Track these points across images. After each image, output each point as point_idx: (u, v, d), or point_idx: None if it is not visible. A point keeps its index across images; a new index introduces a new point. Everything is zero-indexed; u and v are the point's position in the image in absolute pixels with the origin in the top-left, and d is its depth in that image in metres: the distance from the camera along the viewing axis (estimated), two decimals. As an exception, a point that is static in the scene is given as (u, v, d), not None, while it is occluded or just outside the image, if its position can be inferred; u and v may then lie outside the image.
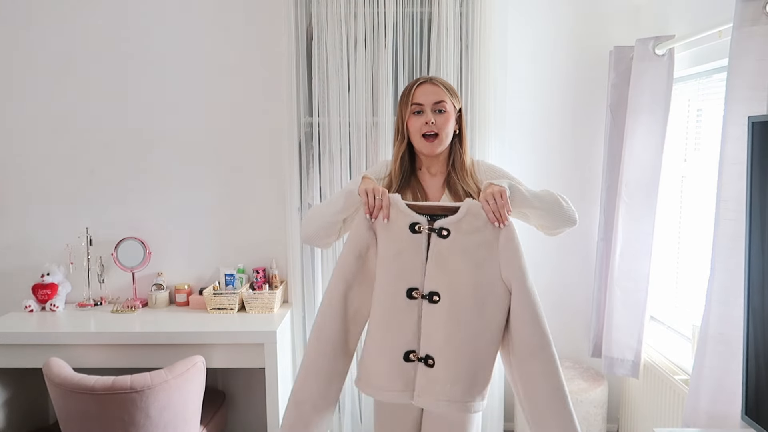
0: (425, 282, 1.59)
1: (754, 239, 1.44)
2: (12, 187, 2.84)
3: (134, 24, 2.76)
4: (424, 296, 1.59)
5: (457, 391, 1.56)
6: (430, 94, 1.76)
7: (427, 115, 1.74)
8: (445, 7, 2.59)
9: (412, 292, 1.59)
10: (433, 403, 1.58)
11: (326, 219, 1.74)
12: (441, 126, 1.75)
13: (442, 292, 1.58)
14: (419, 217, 1.60)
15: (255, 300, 2.68)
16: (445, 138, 1.76)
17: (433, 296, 1.58)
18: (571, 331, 2.97)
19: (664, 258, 2.61)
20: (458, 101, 1.82)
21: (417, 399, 1.59)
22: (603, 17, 2.80)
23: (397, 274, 1.61)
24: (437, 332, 1.57)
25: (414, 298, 1.60)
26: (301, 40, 2.67)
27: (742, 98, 1.70)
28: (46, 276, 2.73)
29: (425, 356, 1.58)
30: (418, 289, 1.60)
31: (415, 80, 1.81)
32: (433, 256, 1.59)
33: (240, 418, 2.95)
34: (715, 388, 1.80)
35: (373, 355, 1.65)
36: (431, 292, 1.59)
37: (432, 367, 1.57)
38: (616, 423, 2.93)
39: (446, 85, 1.80)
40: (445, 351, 1.56)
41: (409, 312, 1.60)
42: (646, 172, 2.44)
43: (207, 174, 2.84)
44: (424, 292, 1.59)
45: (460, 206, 1.60)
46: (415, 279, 1.60)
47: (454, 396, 1.56)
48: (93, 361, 2.42)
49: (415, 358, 1.59)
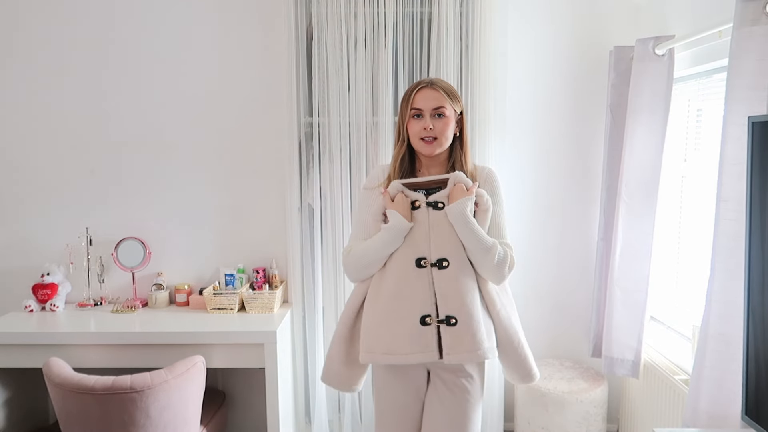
0: (432, 251, 1.76)
1: (754, 239, 1.44)
2: (12, 187, 2.84)
3: (134, 24, 2.76)
4: (433, 264, 1.76)
5: (482, 340, 1.75)
6: (430, 99, 1.80)
7: (425, 120, 1.79)
8: (445, 7, 2.59)
9: (420, 261, 1.76)
10: (465, 356, 1.74)
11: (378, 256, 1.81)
12: (440, 131, 1.80)
13: (450, 258, 1.76)
14: (417, 195, 1.80)
15: (255, 300, 2.68)
16: (444, 141, 1.81)
17: (443, 262, 1.75)
18: (571, 331, 2.97)
19: (664, 258, 2.61)
20: (459, 105, 1.85)
21: (447, 357, 1.74)
22: (603, 17, 2.80)
23: (404, 246, 1.77)
24: (453, 294, 1.74)
25: (423, 267, 1.76)
26: (301, 40, 2.67)
27: (742, 98, 1.70)
28: (46, 276, 2.74)
29: (446, 317, 1.74)
30: (426, 258, 1.76)
31: (416, 83, 1.84)
32: (433, 227, 1.77)
33: (240, 418, 2.95)
34: (715, 388, 1.80)
35: (389, 323, 1.77)
36: (440, 259, 1.76)
37: (455, 325, 1.74)
38: (616, 423, 2.93)
39: (447, 90, 1.82)
40: (464, 309, 1.74)
41: (421, 280, 1.75)
42: (646, 172, 2.44)
43: (207, 174, 2.84)
44: (432, 260, 1.76)
45: (448, 178, 1.79)
46: (422, 249, 1.76)
47: (480, 344, 1.74)
48: (93, 361, 2.42)
49: (432, 322, 1.74)
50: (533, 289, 2.92)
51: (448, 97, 1.80)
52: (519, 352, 1.85)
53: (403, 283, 1.76)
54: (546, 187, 2.91)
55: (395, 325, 1.76)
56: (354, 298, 1.89)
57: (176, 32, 2.77)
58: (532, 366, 1.88)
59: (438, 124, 1.79)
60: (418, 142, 1.82)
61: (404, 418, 1.85)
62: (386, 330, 1.77)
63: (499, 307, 1.83)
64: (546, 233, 2.93)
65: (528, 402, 2.68)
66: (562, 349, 2.99)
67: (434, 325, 1.75)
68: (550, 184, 2.91)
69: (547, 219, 2.92)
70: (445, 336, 1.74)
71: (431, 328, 1.74)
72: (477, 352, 1.74)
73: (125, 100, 2.80)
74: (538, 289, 2.95)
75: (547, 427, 2.62)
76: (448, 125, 1.80)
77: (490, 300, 1.82)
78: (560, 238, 2.94)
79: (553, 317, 2.97)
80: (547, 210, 2.92)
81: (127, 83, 2.79)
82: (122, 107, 2.80)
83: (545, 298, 2.97)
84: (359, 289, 1.89)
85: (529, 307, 2.86)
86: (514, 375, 1.90)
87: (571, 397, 2.58)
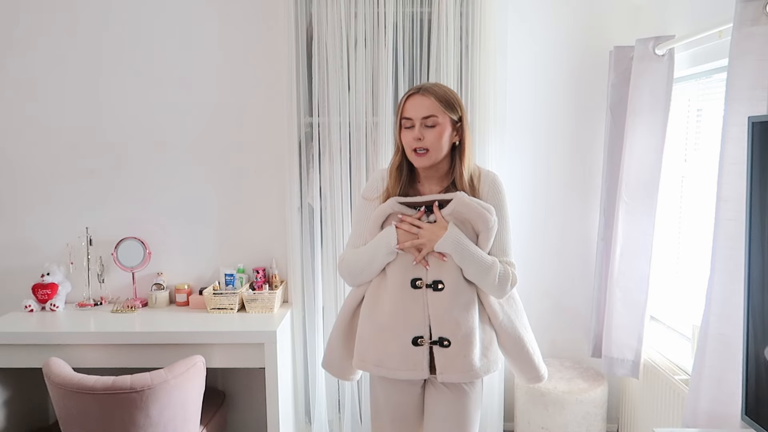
0: (428, 272, 1.73)
1: (754, 239, 1.44)
2: (12, 187, 2.84)
3: (134, 24, 2.76)
4: (429, 285, 1.73)
5: (475, 361, 1.74)
6: (420, 108, 1.69)
7: (415, 131, 1.69)
8: (445, 7, 2.59)
9: (416, 282, 1.74)
10: (458, 377, 1.74)
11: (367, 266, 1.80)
12: (431, 142, 1.69)
13: (445, 280, 1.72)
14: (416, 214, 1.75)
15: (255, 300, 2.68)
16: (436, 153, 1.71)
17: (438, 284, 1.72)
18: (571, 331, 2.97)
19: (664, 258, 2.61)
20: (455, 112, 1.72)
21: (441, 376, 1.74)
22: (603, 17, 2.80)
23: (401, 266, 1.75)
24: (446, 317, 1.72)
25: (418, 288, 1.73)
26: (301, 40, 2.67)
27: (742, 98, 1.70)
28: (46, 276, 2.74)
29: (439, 339, 1.73)
30: (421, 279, 1.74)
31: (408, 91, 1.75)
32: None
33: (240, 418, 2.95)
34: (715, 388, 1.80)
35: (382, 339, 1.78)
36: (435, 281, 1.73)
37: (448, 347, 1.73)
38: (616, 423, 2.93)
39: (440, 96, 1.70)
40: (458, 332, 1.72)
41: (416, 301, 1.74)
42: (646, 172, 2.44)
43: (207, 174, 2.84)
44: (428, 281, 1.73)
45: (452, 198, 1.72)
46: (418, 270, 1.74)
47: (473, 366, 1.74)
48: (93, 361, 2.42)
49: (424, 343, 1.74)
50: (533, 289, 2.92)
51: (441, 105, 1.68)
52: (524, 356, 1.85)
53: (398, 303, 1.74)
54: (546, 187, 2.91)
55: (387, 341, 1.76)
56: (355, 293, 1.91)
57: (176, 32, 2.76)
58: (538, 368, 1.88)
59: (429, 135, 1.68)
60: (410, 153, 1.73)
61: (398, 417, 1.85)
62: (379, 344, 1.78)
63: (501, 317, 1.81)
64: (546, 233, 2.93)
65: (528, 402, 2.68)
66: (562, 349, 2.99)
67: (426, 345, 1.74)
68: (550, 184, 2.91)
69: (547, 219, 2.92)
70: (438, 357, 1.74)
71: (423, 348, 1.74)
72: (469, 373, 1.74)
73: (125, 100, 2.80)
74: (538, 289, 2.95)
75: (547, 427, 2.62)
76: (441, 135, 1.68)
77: (492, 312, 1.80)
78: (560, 238, 2.94)
79: (553, 317, 2.97)
80: (547, 210, 2.92)
81: (127, 83, 2.79)
82: (122, 107, 2.80)
83: (545, 298, 2.97)
84: (360, 287, 1.90)
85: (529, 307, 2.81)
86: (522, 376, 1.91)
87: (571, 397, 2.58)
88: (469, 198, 1.71)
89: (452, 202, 1.71)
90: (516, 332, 1.83)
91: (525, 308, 1.93)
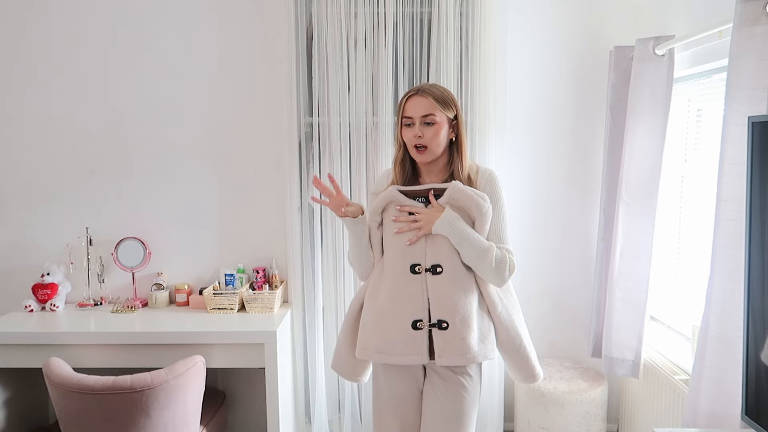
0: (426, 257, 1.80)
1: (754, 239, 1.44)
2: (12, 187, 2.84)
3: (134, 24, 2.76)
4: (428, 269, 1.80)
5: (472, 344, 1.78)
6: (419, 107, 1.82)
7: (415, 129, 1.82)
8: (445, 7, 2.59)
9: (415, 267, 1.80)
10: (456, 359, 1.78)
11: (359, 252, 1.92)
12: (429, 139, 1.81)
13: (443, 264, 1.79)
14: (414, 203, 1.84)
15: (255, 300, 2.68)
16: (434, 149, 1.83)
17: (437, 268, 1.79)
18: (571, 331, 2.97)
19: (664, 258, 2.61)
20: (451, 110, 1.85)
21: (439, 359, 1.78)
22: (603, 17, 2.80)
23: (401, 252, 1.82)
24: (445, 299, 1.78)
25: (417, 273, 1.80)
26: (301, 40, 2.67)
27: (742, 98, 1.70)
28: (46, 276, 2.74)
29: (437, 321, 1.78)
30: (420, 264, 1.80)
31: (408, 91, 1.88)
32: (428, 235, 1.81)
33: (240, 418, 2.95)
34: (715, 388, 1.80)
35: (383, 324, 1.83)
36: (434, 265, 1.80)
37: (446, 329, 1.78)
38: (616, 423, 2.93)
39: (437, 96, 1.82)
40: (456, 314, 1.78)
41: (415, 285, 1.80)
42: (646, 172, 2.44)
43: (207, 174, 2.84)
44: (427, 266, 1.80)
45: (447, 187, 1.81)
46: (417, 256, 1.81)
47: (470, 348, 1.78)
48: (93, 361, 2.42)
49: (423, 326, 1.79)
50: (533, 289, 2.92)
51: (438, 104, 1.81)
52: (521, 353, 1.88)
53: (398, 288, 1.82)
54: (546, 187, 2.91)
55: (388, 327, 1.82)
56: (359, 293, 1.96)
57: (176, 32, 2.76)
58: (534, 366, 1.90)
59: (428, 132, 1.81)
60: (411, 149, 1.86)
61: (400, 408, 1.88)
62: (380, 331, 1.84)
63: (500, 310, 1.86)
64: (546, 233, 2.93)
65: (528, 402, 2.68)
66: (562, 349, 2.99)
67: (426, 329, 1.79)
68: (550, 184, 2.91)
69: (547, 219, 2.92)
70: (436, 339, 1.79)
71: (422, 332, 1.79)
72: (467, 356, 1.78)
73: (125, 100, 2.80)
74: (538, 289, 2.95)
75: (547, 427, 2.62)
76: (439, 132, 1.82)
77: (491, 302, 1.85)
78: (560, 238, 2.94)
79: (553, 317, 2.97)
80: (547, 210, 2.92)
81: (127, 83, 2.79)
82: (122, 107, 2.80)
83: (545, 298, 2.97)
84: (365, 285, 1.95)
85: (529, 307, 2.85)
86: (518, 375, 1.93)
87: (571, 397, 2.58)
88: (463, 186, 1.81)
89: (448, 189, 1.81)
90: (514, 326, 1.87)
91: (525, 309, 1.95)
